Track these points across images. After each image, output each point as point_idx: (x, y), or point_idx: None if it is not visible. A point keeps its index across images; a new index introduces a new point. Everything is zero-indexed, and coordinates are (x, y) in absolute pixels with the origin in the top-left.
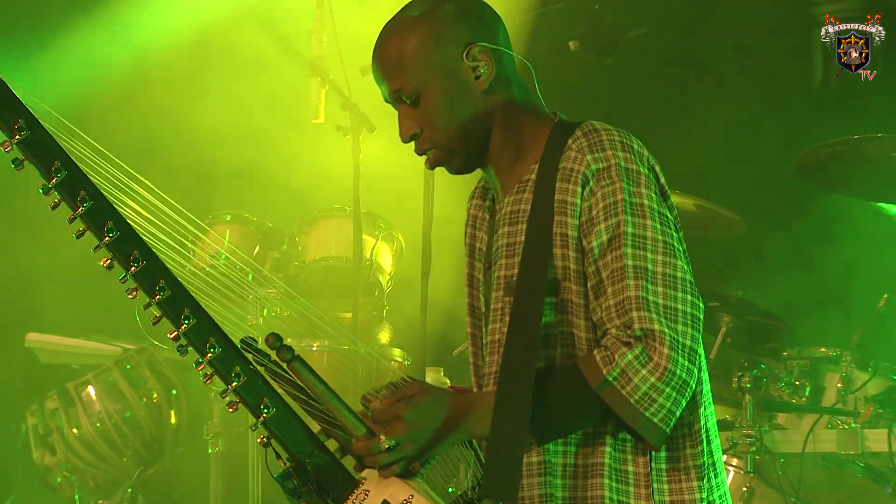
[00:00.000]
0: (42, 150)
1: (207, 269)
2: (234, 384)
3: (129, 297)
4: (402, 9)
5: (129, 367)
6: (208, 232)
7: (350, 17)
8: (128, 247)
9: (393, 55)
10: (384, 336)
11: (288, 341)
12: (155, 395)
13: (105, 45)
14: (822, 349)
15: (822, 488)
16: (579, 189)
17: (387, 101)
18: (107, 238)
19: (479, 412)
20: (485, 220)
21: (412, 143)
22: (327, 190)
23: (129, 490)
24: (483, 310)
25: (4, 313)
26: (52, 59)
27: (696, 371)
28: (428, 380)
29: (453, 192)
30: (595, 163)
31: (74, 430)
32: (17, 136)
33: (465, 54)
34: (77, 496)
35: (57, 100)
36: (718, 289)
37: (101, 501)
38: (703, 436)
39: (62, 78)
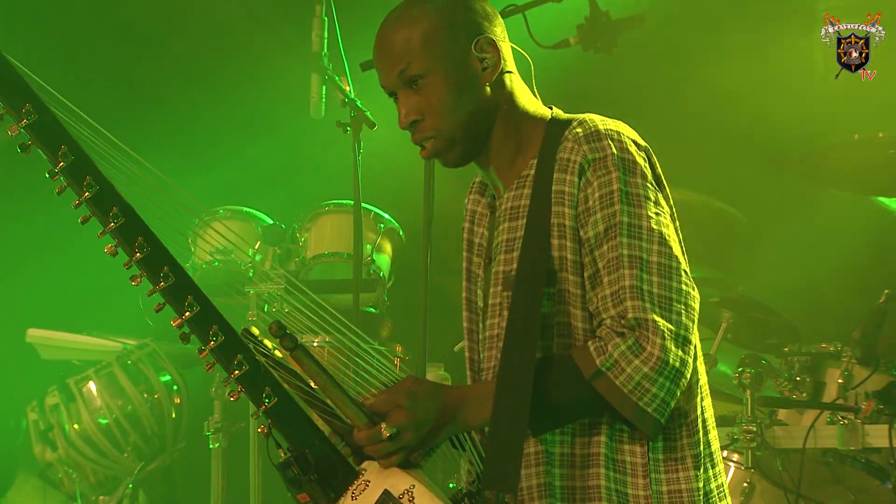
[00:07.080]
0: (49, 134)
1: (207, 264)
2: (236, 373)
3: (134, 283)
4: None
5: (129, 362)
6: (209, 228)
7: (351, 12)
8: (133, 233)
9: (402, 37)
10: (384, 332)
11: None
12: (156, 391)
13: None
14: (823, 345)
15: (822, 484)
16: (576, 179)
17: (384, 87)
18: (112, 224)
19: (473, 402)
20: (484, 216)
21: (410, 135)
22: (328, 186)
23: (130, 486)
24: (481, 305)
25: (5, 309)
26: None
27: (689, 360)
28: (429, 377)
29: (454, 187)
30: (591, 153)
31: (75, 426)
32: (25, 121)
33: (474, 45)
34: (78, 492)
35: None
36: (719, 285)
37: (101, 497)
38: (700, 426)
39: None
